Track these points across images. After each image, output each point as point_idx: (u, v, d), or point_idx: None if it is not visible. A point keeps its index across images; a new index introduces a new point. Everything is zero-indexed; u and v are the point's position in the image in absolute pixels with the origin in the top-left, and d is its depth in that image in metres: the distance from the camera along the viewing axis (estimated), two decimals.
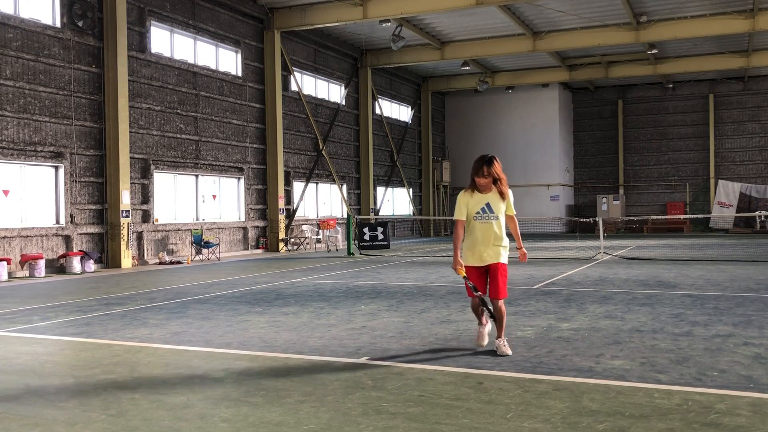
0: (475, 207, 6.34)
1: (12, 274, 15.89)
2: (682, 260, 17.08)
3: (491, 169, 6.25)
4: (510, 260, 6.60)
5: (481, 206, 6.32)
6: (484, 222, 6.32)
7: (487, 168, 6.25)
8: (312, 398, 4.96)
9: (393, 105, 34.74)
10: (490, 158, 6.29)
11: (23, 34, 16.41)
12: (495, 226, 6.32)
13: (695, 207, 37.27)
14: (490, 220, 6.31)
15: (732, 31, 25.03)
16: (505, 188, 6.38)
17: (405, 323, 8.22)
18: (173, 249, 20.55)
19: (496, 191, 6.33)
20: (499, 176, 6.31)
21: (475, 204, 6.35)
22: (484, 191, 6.34)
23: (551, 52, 29.90)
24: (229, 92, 22.94)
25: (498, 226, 6.33)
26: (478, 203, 6.34)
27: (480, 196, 6.35)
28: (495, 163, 6.30)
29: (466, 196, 6.40)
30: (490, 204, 6.32)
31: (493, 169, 6.26)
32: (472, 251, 6.36)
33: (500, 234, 6.35)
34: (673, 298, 10.03)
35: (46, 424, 4.52)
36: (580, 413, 4.49)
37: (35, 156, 16.67)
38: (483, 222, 6.32)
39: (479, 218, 6.33)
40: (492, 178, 6.28)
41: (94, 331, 8.10)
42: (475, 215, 6.34)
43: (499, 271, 6.33)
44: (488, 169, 6.25)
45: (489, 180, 6.28)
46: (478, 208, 6.33)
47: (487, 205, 6.32)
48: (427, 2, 22.25)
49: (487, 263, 6.34)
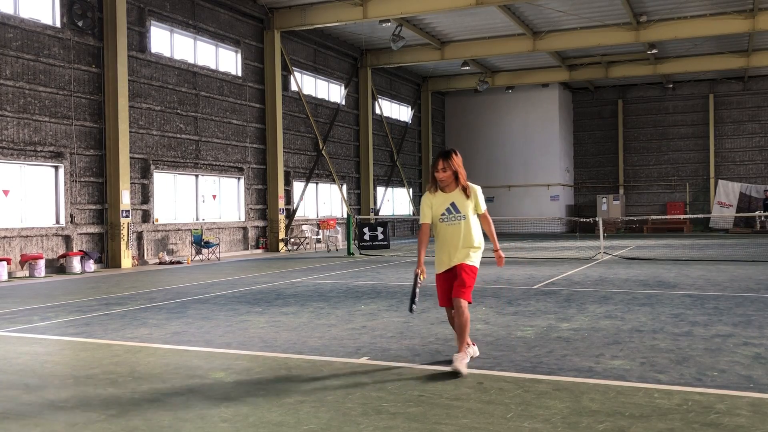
0: (440, 208, 5.82)
1: (12, 274, 15.89)
2: (682, 260, 17.08)
3: (448, 162, 5.74)
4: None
5: (446, 206, 5.79)
6: (451, 224, 5.78)
7: (443, 161, 5.75)
8: (312, 398, 4.96)
9: (393, 105, 34.74)
10: (448, 151, 5.82)
11: (23, 34, 16.41)
12: (464, 227, 5.77)
13: (695, 207, 37.27)
14: (458, 221, 5.77)
15: (732, 31, 25.04)
16: (467, 183, 5.83)
17: (405, 323, 8.22)
18: (173, 249, 20.55)
19: (460, 189, 5.80)
20: (458, 170, 5.77)
21: (440, 204, 5.82)
22: (447, 190, 5.82)
23: (551, 52, 29.90)
24: (229, 92, 22.94)
25: (467, 226, 5.77)
26: (442, 204, 5.81)
27: (444, 195, 5.82)
28: (454, 156, 5.79)
29: (430, 196, 5.87)
30: (456, 203, 5.78)
31: (452, 162, 5.75)
32: (440, 256, 5.86)
33: (471, 236, 5.79)
34: (673, 298, 10.03)
35: (46, 424, 4.52)
36: (580, 413, 4.49)
37: (35, 156, 16.67)
38: (450, 224, 5.79)
39: (445, 220, 5.80)
40: (452, 172, 5.75)
41: (94, 331, 8.10)
42: (441, 217, 5.81)
43: (464, 269, 5.75)
44: (445, 162, 5.74)
45: (448, 175, 5.75)
46: (443, 209, 5.80)
47: (452, 204, 5.78)
48: (427, 2, 22.25)
49: (454, 264, 5.82)
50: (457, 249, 5.76)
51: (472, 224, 5.80)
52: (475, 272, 5.82)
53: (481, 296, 10.67)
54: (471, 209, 5.81)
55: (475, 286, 12.01)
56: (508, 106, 38.29)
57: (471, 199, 5.80)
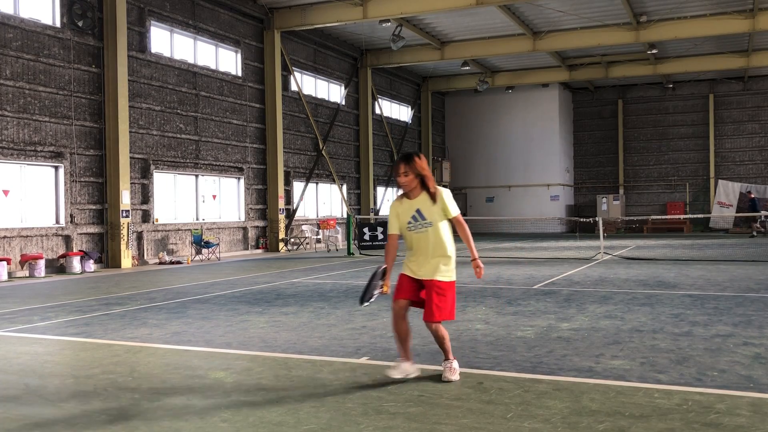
0: (406, 216, 5.38)
1: (12, 274, 15.89)
2: (682, 260, 17.08)
3: (410, 166, 5.30)
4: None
5: (412, 214, 5.35)
6: (419, 232, 5.34)
7: (404, 165, 5.31)
8: (312, 398, 4.96)
9: (393, 105, 34.74)
10: (410, 154, 5.37)
11: (23, 34, 16.41)
12: (431, 235, 5.32)
13: (695, 207, 37.27)
14: (425, 229, 5.32)
15: (732, 31, 25.04)
16: (435, 187, 5.36)
17: None
18: (173, 249, 20.55)
19: (426, 194, 5.35)
20: (422, 173, 5.32)
21: (405, 212, 5.38)
22: (412, 196, 5.37)
23: (551, 52, 29.90)
24: (229, 92, 22.94)
25: (436, 234, 5.32)
26: (407, 211, 5.37)
27: (409, 202, 5.38)
28: (416, 159, 5.33)
29: (397, 205, 5.47)
30: (421, 210, 5.33)
31: (414, 165, 5.30)
32: (409, 264, 5.45)
33: (440, 244, 5.34)
34: (673, 298, 10.04)
35: (46, 424, 4.52)
36: (580, 413, 4.49)
37: (35, 156, 16.67)
38: (417, 232, 5.35)
39: (412, 228, 5.36)
40: (414, 176, 5.30)
41: (94, 331, 8.10)
42: (408, 225, 5.37)
43: (435, 289, 5.31)
44: (406, 166, 5.30)
45: (410, 179, 5.31)
46: (409, 217, 5.36)
47: (417, 211, 5.34)
48: (427, 2, 22.25)
49: (422, 277, 5.37)
50: (426, 259, 5.34)
51: (441, 231, 5.35)
52: (451, 288, 5.40)
53: (481, 296, 10.67)
54: (439, 215, 5.34)
55: (473, 286, 12.05)
56: (508, 106, 38.29)
57: (438, 204, 5.33)
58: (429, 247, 5.33)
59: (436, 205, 5.33)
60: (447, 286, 5.35)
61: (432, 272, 5.32)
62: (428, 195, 5.34)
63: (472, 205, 39.33)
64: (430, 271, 5.32)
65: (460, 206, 38.94)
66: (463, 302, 9.99)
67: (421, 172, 5.31)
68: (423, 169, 5.32)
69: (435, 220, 5.32)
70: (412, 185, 5.33)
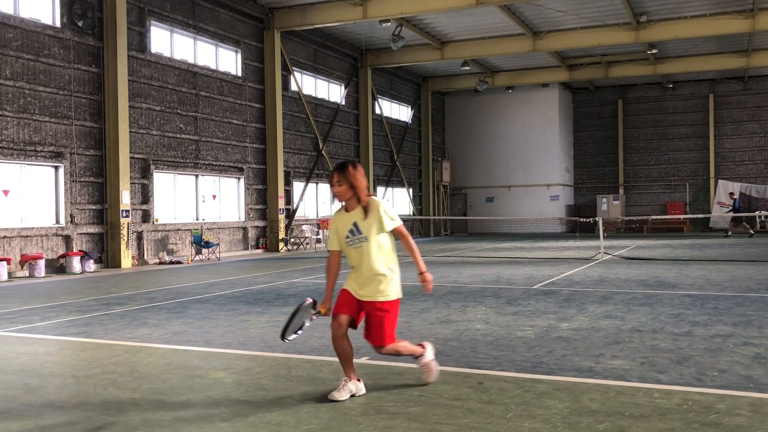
0: (344, 229, 5.05)
1: (12, 274, 15.89)
2: (682, 260, 17.08)
3: (344, 175, 4.96)
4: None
5: (349, 227, 5.03)
6: (356, 247, 5.02)
7: (338, 174, 4.97)
8: (312, 398, 4.96)
9: (393, 105, 34.74)
10: (344, 163, 5.03)
11: (23, 34, 16.41)
12: (367, 251, 4.97)
13: (695, 207, 37.27)
14: (361, 243, 4.99)
15: (732, 31, 25.04)
16: (367, 199, 5.00)
17: (405, 323, 8.21)
18: (173, 249, 20.55)
19: (361, 207, 5.01)
20: (354, 184, 4.96)
21: (344, 226, 5.06)
22: (350, 208, 5.05)
23: (551, 52, 29.90)
24: (229, 92, 22.94)
25: (373, 249, 4.96)
26: (346, 225, 5.05)
27: (347, 216, 5.06)
28: (350, 168, 4.98)
29: (336, 218, 5.14)
30: (357, 223, 5.00)
31: (347, 174, 4.96)
32: (349, 281, 5.13)
33: (378, 260, 4.98)
34: (673, 298, 10.04)
35: (46, 424, 4.52)
36: (580, 413, 4.49)
37: (35, 156, 16.67)
38: (355, 247, 5.02)
39: (351, 243, 5.03)
40: (348, 186, 4.96)
41: (94, 331, 8.10)
42: (346, 240, 5.05)
43: (376, 311, 4.95)
44: (339, 176, 4.96)
45: (344, 189, 4.97)
46: (347, 231, 5.04)
47: (354, 224, 5.01)
48: (427, 2, 22.26)
49: (363, 297, 5.01)
50: (365, 276, 5.00)
51: (380, 245, 4.99)
52: (393, 308, 5.02)
53: (481, 296, 10.67)
54: (375, 228, 4.98)
55: (473, 286, 12.05)
56: (508, 106, 38.30)
57: (373, 218, 4.97)
58: (367, 263, 4.97)
59: (371, 218, 4.98)
60: (389, 306, 4.98)
61: (373, 293, 4.97)
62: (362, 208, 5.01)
63: (472, 205, 39.34)
64: (371, 291, 4.97)
65: (461, 206, 39.20)
66: (463, 302, 9.99)
67: (353, 182, 4.96)
68: (356, 180, 4.96)
69: (371, 234, 4.97)
70: (346, 196, 5.01)
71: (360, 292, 5.00)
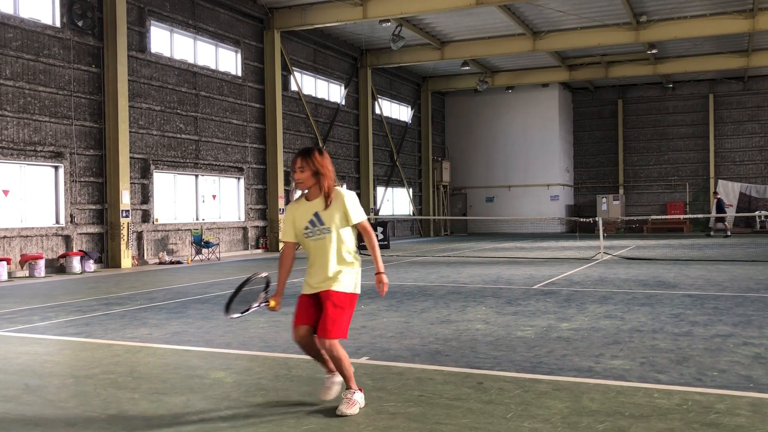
0: (303, 220, 4.71)
1: (12, 274, 15.89)
2: (682, 260, 17.08)
3: (308, 161, 4.63)
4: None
5: (309, 218, 4.68)
6: (316, 239, 4.67)
7: (301, 159, 4.64)
8: (312, 398, 4.96)
9: (393, 105, 34.74)
10: (309, 148, 4.69)
11: (23, 34, 16.41)
12: (330, 243, 4.64)
13: (695, 207, 37.27)
14: (323, 236, 4.65)
15: (732, 31, 25.04)
16: (331, 188, 4.68)
17: (405, 323, 8.21)
18: (173, 249, 20.55)
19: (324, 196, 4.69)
20: (320, 171, 4.63)
21: (302, 216, 4.71)
22: (311, 197, 4.72)
23: (551, 52, 29.90)
24: (229, 92, 22.94)
25: (336, 242, 4.65)
26: (305, 215, 4.70)
27: (307, 205, 4.71)
28: (316, 154, 4.65)
29: (293, 207, 4.79)
30: (319, 214, 4.66)
31: (313, 160, 4.63)
32: (308, 279, 4.76)
33: (341, 254, 4.67)
34: (673, 298, 10.04)
35: (46, 424, 4.52)
36: (580, 413, 4.49)
37: (35, 156, 16.67)
38: (315, 239, 4.67)
39: (309, 234, 4.68)
40: (311, 173, 4.63)
41: (94, 331, 8.10)
42: (305, 231, 4.70)
43: (331, 300, 4.59)
44: (303, 161, 4.63)
45: (306, 176, 4.63)
46: (306, 222, 4.69)
47: (315, 215, 4.67)
48: (427, 2, 22.26)
49: (318, 290, 4.69)
50: (325, 270, 4.65)
51: (342, 239, 4.68)
52: (349, 301, 4.66)
53: (481, 296, 10.67)
54: (339, 220, 4.65)
55: (473, 286, 12.05)
56: (508, 106, 38.30)
57: (336, 208, 4.64)
58: (328, 256, 4.65)
59: (334, 209, 4.64)
60: (345, 299, 4.62)
61: (330, 282, 4.63)
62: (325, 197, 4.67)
63: (472, 205, 39.34)
64: (330, 281, 4.63)
65: (461, 206, 39.21)
66: (463, 302, 9.99)
67: (319, 169, 4.63)
68: (322, 167, 4.63)
69: (334, 226, 4.65)
70: (308, 183, 4.66)
71: (317, 285, 4.67)
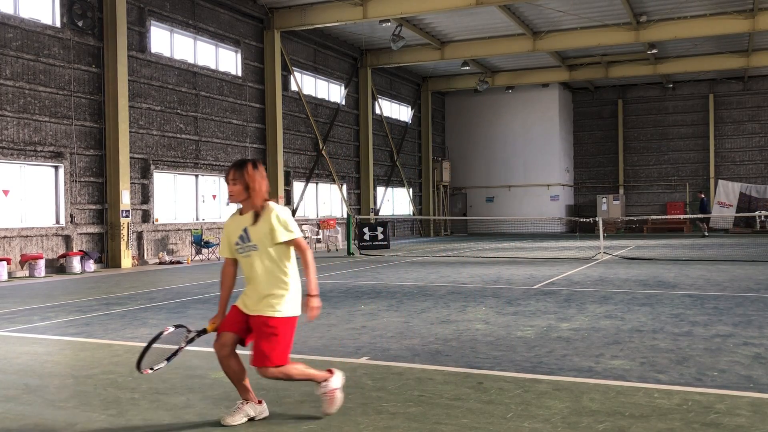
0: (234, 235, 4.48)
1: (12, 274, 15.89)
2: (682, 260, 17.08)
3: (240, 173, 4.40)
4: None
5: (239, 233, 4.45)
6: (245, 256, 4.44)
7: (234, 171, 4.41)
8: (312, 398, 4.96)
9: (393, 105, 34.74)
10: (243, 161, 4.46)
11: (23, 34, 16.41)
12: (258, 262, 4.38)
13: (695, 207, 37.27)
14: (249, 253, 4.41)
15: (732, 31, 25.04)
16: (261, 203, 4.43)
17: (405, 323, 8.21)
18: (173, 249, 20.55)
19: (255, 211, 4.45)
20: (250, 185, 4.40)
21: (234, 231, 4.48)
22: (244, 211, 4.48)
23: (551, 52, 29.90)
24: (229, 92, 22.94)
25: (264, 260, 4.38)
26: (236, 230, 4.47)
27: (239, 219, 4.50)
28: (249, 167, 4.42)
29: (228, 222, 4.58)
30: (248, 229, 4.41)
31: (245, 174, 4.39)
32: (243, 296, 4.51)
33: (270, 273, 4.38)
34: (673, 298, 10.03)
35: (46, 424, 4.52)
36: (580, 413, 4.49)
37: (35, 156, 16.67)
38: (244, 256, 4.45)
39: (240, 251, 4.46)
40: (243, 187, 4.40)
41: (94, 331, 8.10)
42: (236, 246, 4.47)
43: (263, 327, 4.32)
44: (235, 173, 4.40)
45: (238, 189, 4.40)
46: (236, 237, 4.46)
47: (244, 230, 4.42)
48: (427, 2, 22.26)
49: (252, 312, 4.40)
50: (256, 291, 4.39)
51: (274, 257, 4.39)
52: (284, 325, 4.36)
53: (481, 296, 10.67)
54: (264, 238, 4.37)
55: (473, 286, 12.04)
56: (508, 106, 38.30)
57: (264, 225, 4.37)
58: (257, 276, 4.39)
59: (261, 225, 4.37)
60: (279, 324, 4.33)
61: (260, 307, 4.35)
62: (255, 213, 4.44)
63: (472, 205, 39.35)
64: (261, 306, 4.35)
65: (461, 206, 39.21)
66: (463, 302, 9.99)
67: (249, 183, 4.40)
68: (253, 181, 4.40)
69: (262, 244, 4.38)
70: (239, 197, 4.45)
71: (250, 306, 4.40)
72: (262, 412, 4.56)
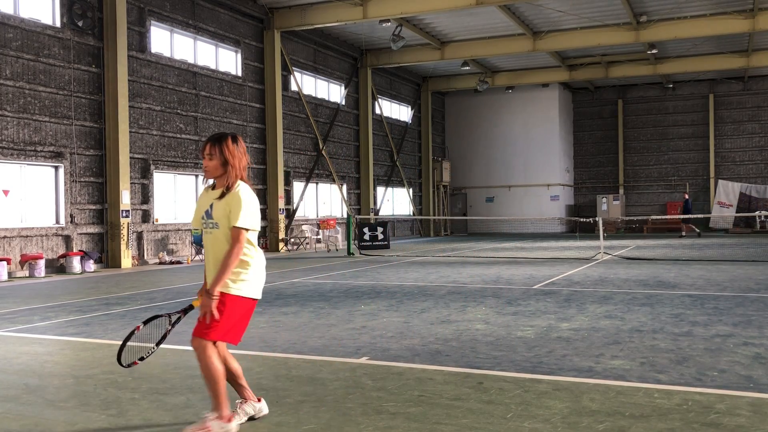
0: (201, 209, 4.43)
1: (12, 274, 15.88)
2: (682, 260, 17.08)
3: (218, 148, 4.26)
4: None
5: (206, 208, 4.38)
6: (207, 232, 4.38)
7: (211, 146, 4.27)
8: (312, 398, 4.96)
9: (393, 105, 34.74)
10: (222, 134, 4.31)
11: (23, 34, 16.41)
12: (216, 240, 4.30)
13: (695, 207, 37.24)
14: (210, 230, 4.34)
15: (732, 31, 25.04)
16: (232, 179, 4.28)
17: (405, 323, 8.21)
18: (173, 249, 20.55)
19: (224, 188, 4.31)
20: (228, 160, 4.26)
21: (203, 205, 4.42)
22: (216, 186, 4.39)
23: (551, 52, 29.90)
24: (229, 92, 22.94)
25: (223, 239, 4.28)
26: (204, 204, 4.41)
27: (210, 194, 4.40)
28: (228, 141, 4.27)
29: (201, 195, 4.55)
30: (214, 206, 4.31)
31: (223, 148, 4.25)
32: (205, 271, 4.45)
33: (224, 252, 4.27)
34: (673, 298, 10.03)
35: (46, 424, 4.52)
36: (580, 413, 4.49)
37: (35, 156, 16.67)
38: (206, 232, 4.39)
39: (204, 225, 4.40)
40: (220, 162, 4.25)
41: (94, 331, 8.10)
42: (202, 220, 4.42)
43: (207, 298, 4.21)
44: (213, 147, 4.26)
45: (214, 164, 4.26)
46: (203, 211, 4.40)
47: (210, 206, 4.34)
48: (427, 2, 22.26)
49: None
50: (215, 267, 4.28)
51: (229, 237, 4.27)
52: (233, 304, 4.22)
53: (481, 296, 10.67)
54: (223, 218, 4.26)
55: (473, 286, 12.04)
56: (508, 106, 38.30)
57: (226, 204, 4.24)
58: (215, 253, 4.30)
59: (224, 204, 4.25)
60: (228, 301, 4.19)
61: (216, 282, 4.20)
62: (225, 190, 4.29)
63: (472, 205, 39.35)
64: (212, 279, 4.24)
65: (461, 206, 39.20)
66: (463, 302, 9.99)
67: (227, 158, 4.25)
68: (233, 157, 4.26)
69: (221, 223, 4.26)
70: (215, 173, 4.30)
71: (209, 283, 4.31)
72: (261, 410, 4.55)
